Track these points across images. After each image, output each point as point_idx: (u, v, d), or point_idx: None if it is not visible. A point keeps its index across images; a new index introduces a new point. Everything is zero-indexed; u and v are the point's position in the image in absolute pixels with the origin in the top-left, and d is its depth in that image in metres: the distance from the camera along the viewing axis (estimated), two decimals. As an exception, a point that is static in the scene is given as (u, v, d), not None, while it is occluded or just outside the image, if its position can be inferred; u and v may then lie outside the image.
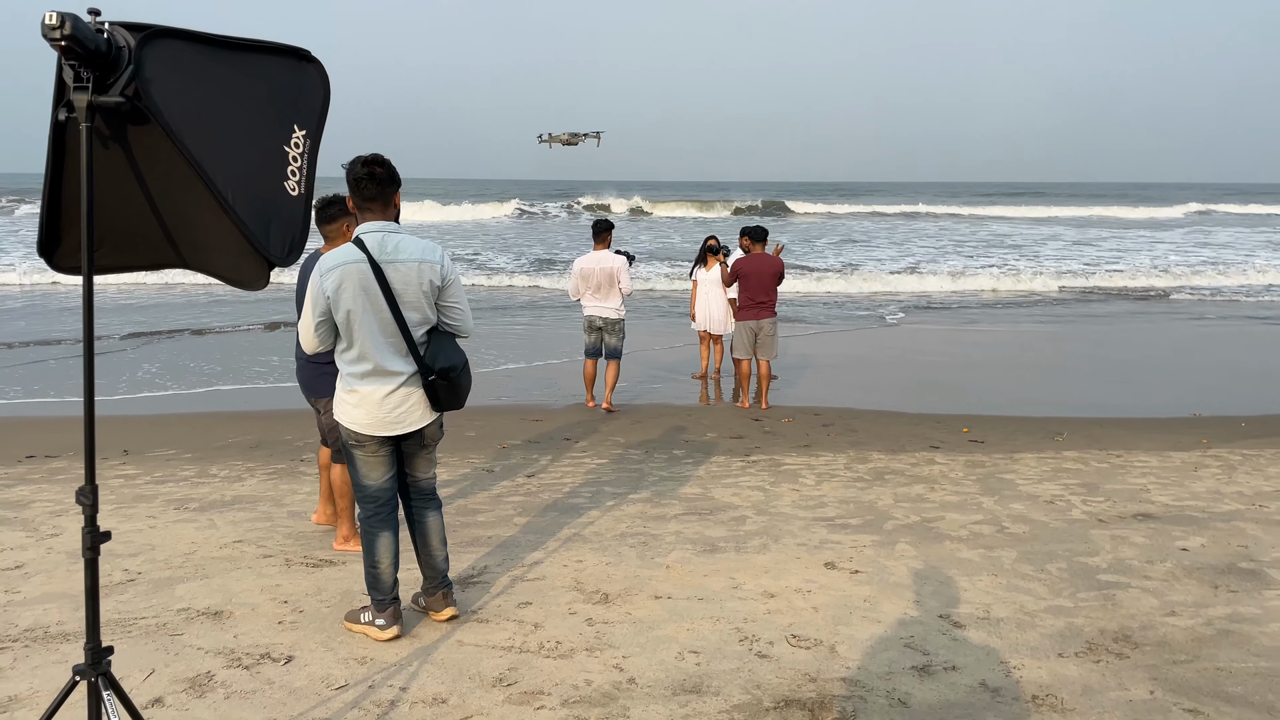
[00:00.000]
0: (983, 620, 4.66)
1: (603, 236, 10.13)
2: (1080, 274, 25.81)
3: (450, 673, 4.04)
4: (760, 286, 10.26)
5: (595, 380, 10.28)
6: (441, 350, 4.20)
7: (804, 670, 4.08)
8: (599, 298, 10.08)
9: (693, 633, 4.46)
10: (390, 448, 4.29)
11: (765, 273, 10.23)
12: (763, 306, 10.29)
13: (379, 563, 4.33)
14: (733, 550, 5.66)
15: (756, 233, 10.88)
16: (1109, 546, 5.78)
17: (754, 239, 10.70)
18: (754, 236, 10.81)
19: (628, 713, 3.71)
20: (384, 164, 4.13)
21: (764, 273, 10.23)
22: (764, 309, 10.33)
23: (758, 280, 10.25)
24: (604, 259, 10.04)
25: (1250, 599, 4.94)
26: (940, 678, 4.03)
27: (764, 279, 10.23)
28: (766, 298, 10.27)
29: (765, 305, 10.32)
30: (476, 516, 6.39)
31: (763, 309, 10.33)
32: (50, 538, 5.91)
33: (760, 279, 10.23)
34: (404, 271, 4.11)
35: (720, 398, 11.30)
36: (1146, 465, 7.94)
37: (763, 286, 10.26)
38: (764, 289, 10.25)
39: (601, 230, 10.18)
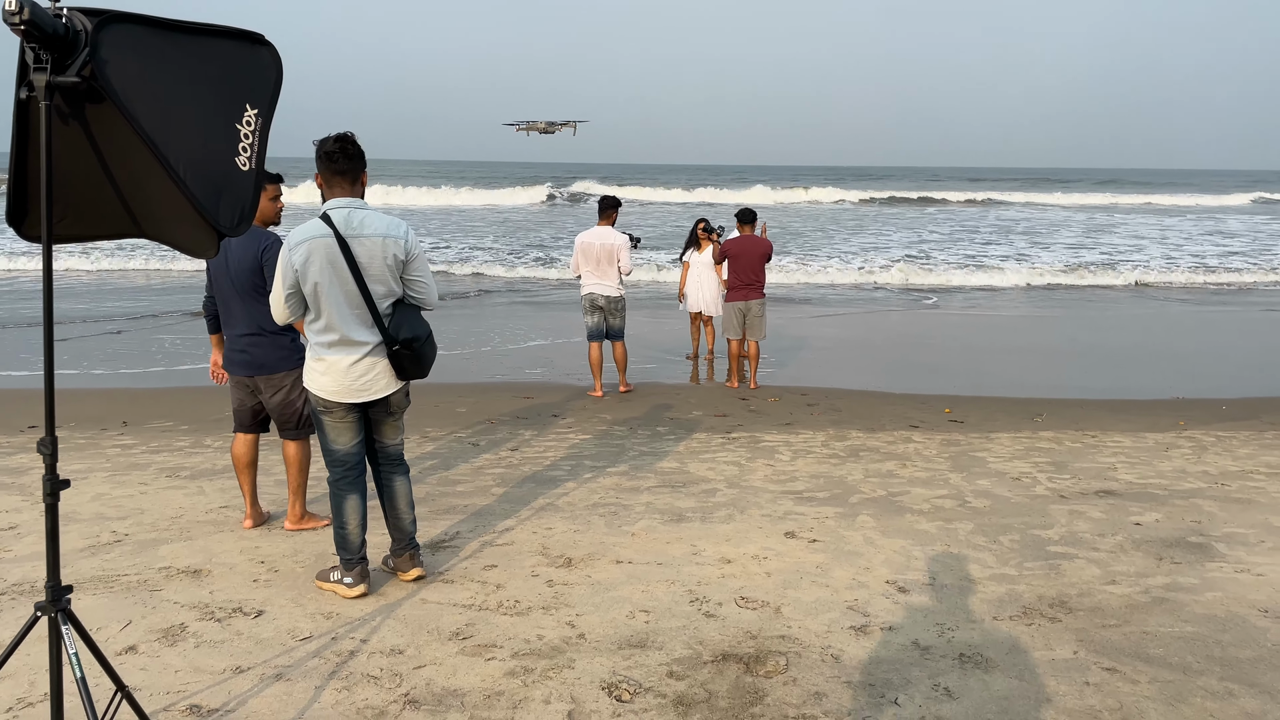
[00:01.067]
0: (928, 586, 4.85)
1: (607, 213, 10.12)
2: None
3: (410, 627, 4.26)
4: (749, 267, 10.43)
5: (602, 366, 10.18)
6: (405, 321, 4.40)
7: (746, 628, 4.29)
8: (598, 274, 10.02)
9: (647, 594, 4.67)
10: (357, 414, 4.51)
11: (753, 253, 10.40)
12: (751, 287, 10.46)
13: (346, 524, 4.55)
14: (698, 520, 5.86)
15: (744, 215, 11.03)
16: (1064, 520, 5.96)
17: (741, 221, 10.86)
18: (742, 219, 10.97)
19: (573, 664, 3.92)
20: (353, 141, 4.34)
21: (752, 253, 10.40)
22: (752, 289, 10.50)
23: (746, 261, 10.41)
24: (605, 235, 10.00)
25: (1191, 570, 5.12)
26: (875, 636, 4.23)
27: (752, 259, 10.40)
28: (754, 278, 10.44)
29: (754, 286, 10.49)
30: (456, 486, 6.60)
31: (751, 290, 10.50)
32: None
33: (749, 259, 10.40)
34: (369, 246, 4.31)
35: (712, 377, 11.48)
36: (1119, 445, 8.10)
37: (751, 267, 10.42)
38: (752, 269, 10.42)
39: (607, 207, 10.18)
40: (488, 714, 3.52)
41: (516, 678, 3.79)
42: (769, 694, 3.69)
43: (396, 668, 3.86)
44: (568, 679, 3.79)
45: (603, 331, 10.15)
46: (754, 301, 10.50)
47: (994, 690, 3.75)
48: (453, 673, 3.82)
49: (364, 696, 3.63)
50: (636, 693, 3.68)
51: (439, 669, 3.86)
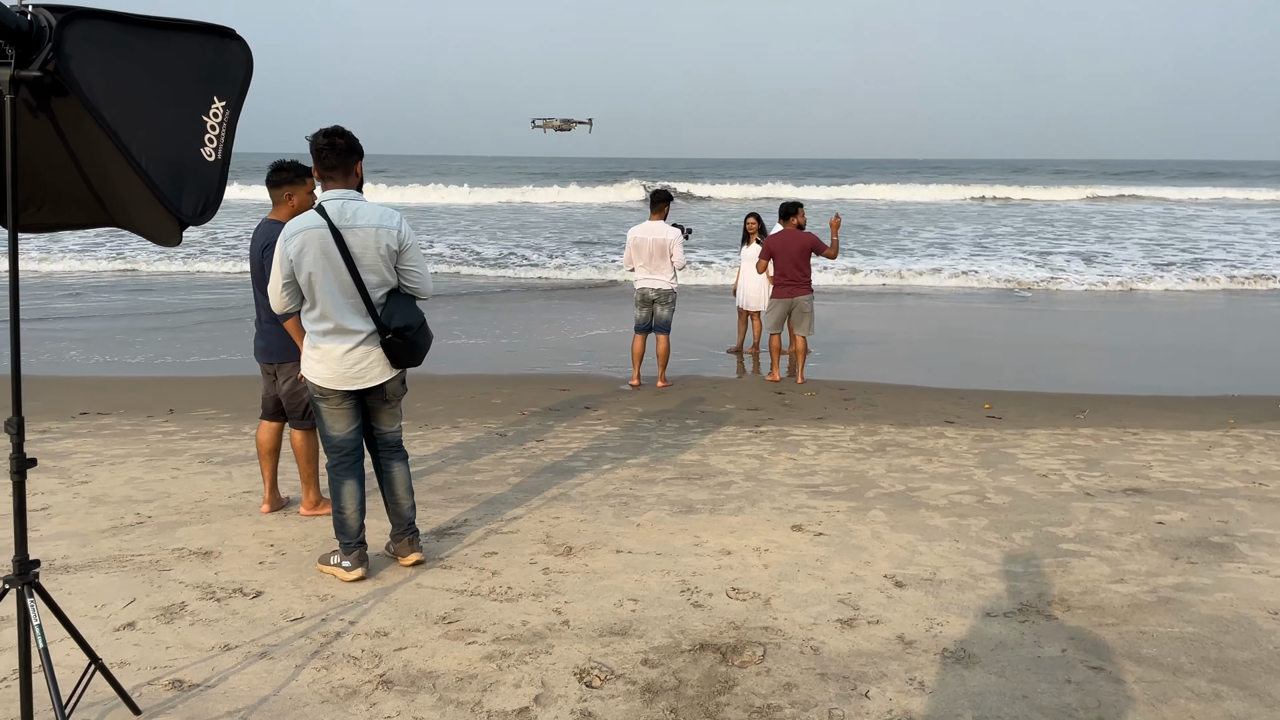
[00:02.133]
0: (926, 581, 4.79)
1: (659, 207, 10.11)
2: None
3: (400, 610, 4.34)
4: (789, 263, 10.34)
5: (643, 358, 10.22)
6: (398, 310, 4.48)
7: (731, 619, 4.28)
8: (649, 269, 10.01)
9: (639, 584, 4.69)
10: (353, 401, 4.60)
11: (793, 248, 10.32)
12: (794, 284, 10.36)
13: (344, 508, 4.65)
14: (707, 512, 5.86)
15: (784, 209, 10.96)
16: (1084, 518, 5.83)
17: (782, 215, 10.79)
18: (782, 213, 10.91)
19: (551, 649, 3.96)
20: (345, 135, 4.42)
21: (791, 248, 10.31)
22: (796, 286, 10.39)
23: (786, 256, 10.34)
24: (657, 230, 9.96)
25: (1206, 570, 4.98)
26: (860, 630, 4.20)
27: (792, 254, 10.31)
28: (796, 274, 10.33)
29: (797, 283, 10.38)
30: (475, 475, 6.69)
31: (795, 286, 10.39)
32: (80, 485, 6.38)
33: (789, 255, 10.32)
34: (362, 236, 4.39)
35: (758, 370, 11.44)
36: (1159, 443, 7.90)
37: (792, 262, 10.34)
38: (793, 265, 10.32)
39: (659, 201, 10.19)
40: (457, 696, 3.57)
41: (493, 661, 3.84)
42: (739, 684, 3.69)
43: (378, 649, 3.94)
44: (543, 664, 3.83)
45: (649, 324, 10.17)
46: (800, 298, 10.40)
47: (970, 686, 3.70)
48: (431, 655, 3.89)
49: (340, 676, 3.70)
50: (607, 679, 3.71)
51: (419, 651, 3.92)
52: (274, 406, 5.69)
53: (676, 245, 9.91)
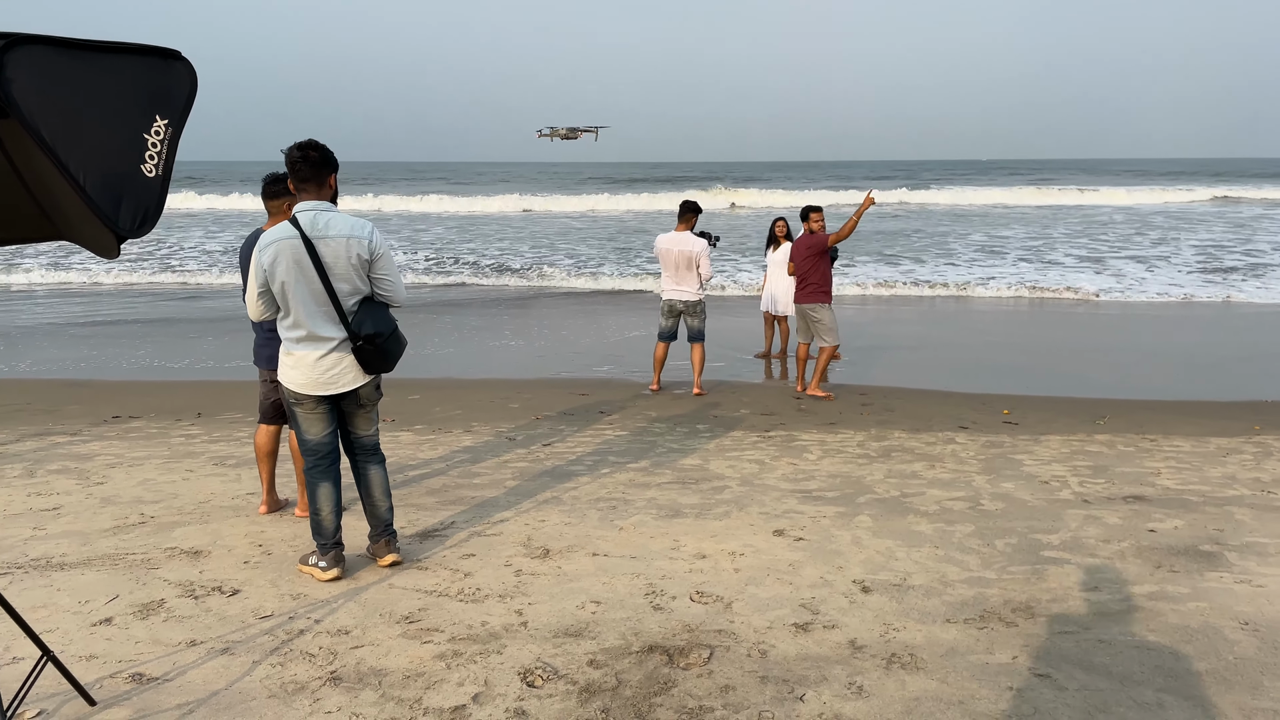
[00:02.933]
0: (894, 587, 4.80)
1: (686, 218, 9.91)
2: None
3: (366, 609, 4.46)
4: (799, 267, 10.25)
5: (664, 363, 10.24)
6: (369, 318, 4.61)
7: (688, 622, 4.34)
8: (676, 280, 9.90)
9: (607, 586, 4.76)
10: (328, 406, 4.74)
11: (800, 252, 10.22)
12: (803, 290, 10.18)
13: (320, 510, 4.79)
14: (693, 516, 5.91)
15: (802, 213, 10.89)
16: (1075, 525, 5.78)
17: (802, 218, 10.74)
18: (801, 217, 10.85)
19: (504, 649, 4.05)
20: (318, 148, 4.56)
21: (799, 252, 10.24)
22: (804, 292, 10.17)
23: (797, 261, 10.30)
24: (683, 240, 9.80)
25: (1186, 579, 4.92)
26: (814, 634, 4.23)
27: (800, 258, 10.21)
28: (808, 280, 10.17)
29: (804, 288, 10.16)
30: (474, 479, 6.81)
31: (803, 292, 10.18)
32: (95, 485, 6.62)
33: (799, 259, 10.25)
34: (334, 246, 4.53)
35: (785, 376, 11.43)
36: (1175, 450, 7.77)
37: (801, 266, 10.22)
38: (804, 268, 10.19)
39: (686, 211, 9.98)
40: (400, 693, 3.68)
41: (443, 660, 3.94)
42: (679, 685, 3.75)
43: (336, 647, 4.06)
44: (491, 664, 3.92)
45: (674, 332, 10.11)
46: (806, 305, 10.18)
47: (908, 691, 3.72)
48: (386, 654, 4.00)
49: (293, 673, 3.83)
50: (549, 679, 3.79)
51: (375, 649, 4.04)
52: (273, 411, 5.86)
53: (704, 257, 9.76)
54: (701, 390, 10.07)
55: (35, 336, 14.18)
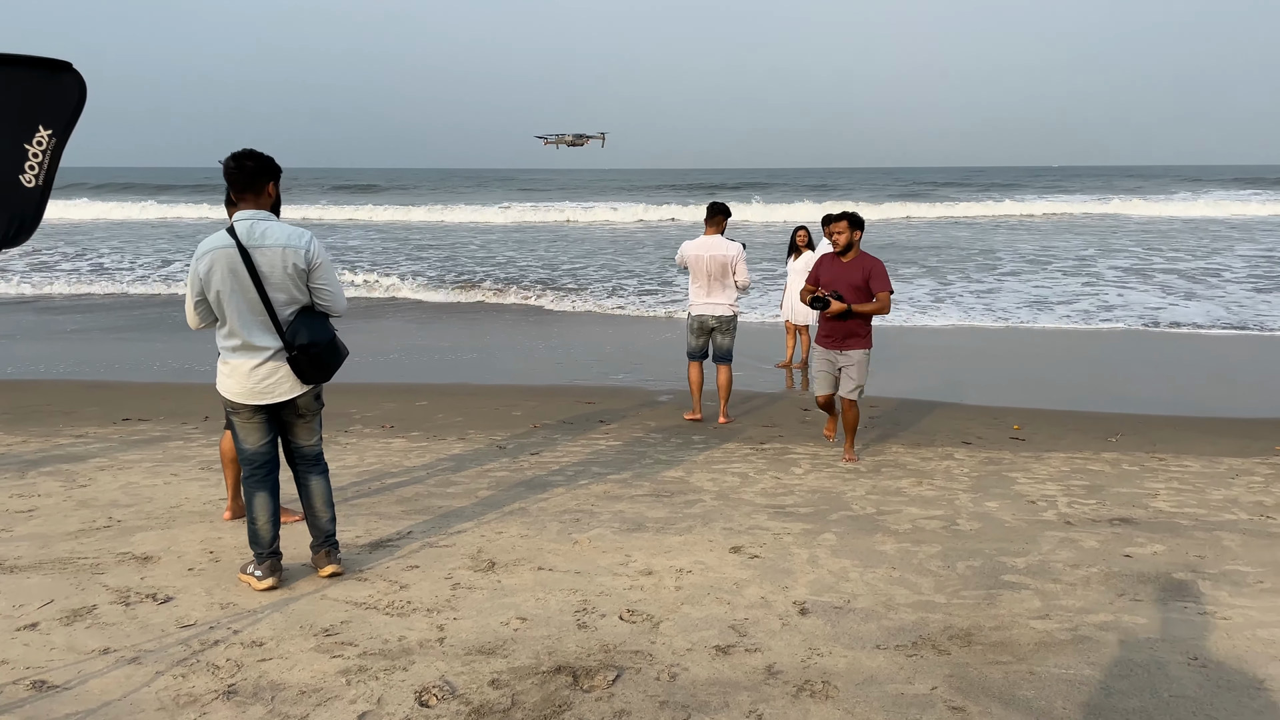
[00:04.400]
0: (835, 609, 4.66)
1: (716, 220, 8.80)
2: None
3: (290, 621, 4.44)
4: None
5: (703, 386, 9.17)
6: (304, 327, 4.60)
7: (609, 641, 4.25)
8: (708, 292, 8.78)
9: (539, 602, 4.69)
10: (265, 415, 4.74)
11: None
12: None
13: (256, 519, 4.79)
14: (654, 531, 5.82)
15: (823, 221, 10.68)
16: (1047, 549, 5.58)
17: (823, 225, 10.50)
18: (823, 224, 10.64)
19: (411, 666, 4.00)
20: (254, 158, 4.57)
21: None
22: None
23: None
24: (716, 245, 8.70)
25: (1145, 609, 4.71)
26: (733, 658, 4.11)
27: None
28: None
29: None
30: (449, 488, 6.79)
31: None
32: (78, 488, 6.73)
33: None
34: (269, 255, 4.54)
35: (806, 387, 11.26)
36: (1183, 470, 7.48)
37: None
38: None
39: (715, 213, 8.84)
40: (289, 709, 3.65)
41: (346, 676, 3.90)
42: (573, 708, 3.67)
43: (245, 659, 4.04)
44: (392, 681, 3.87)
45: (706, 350, 9.04)
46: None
47: (808, 721, 3.59)
48: (291, 667, 3.97)
49: (192, 685, 3.82)
50: (444, 698, 3.73)
51: (282, 663, 4.02)
52: None
53: (741, 262, 8.71)
54: (729, 418, 9.12)
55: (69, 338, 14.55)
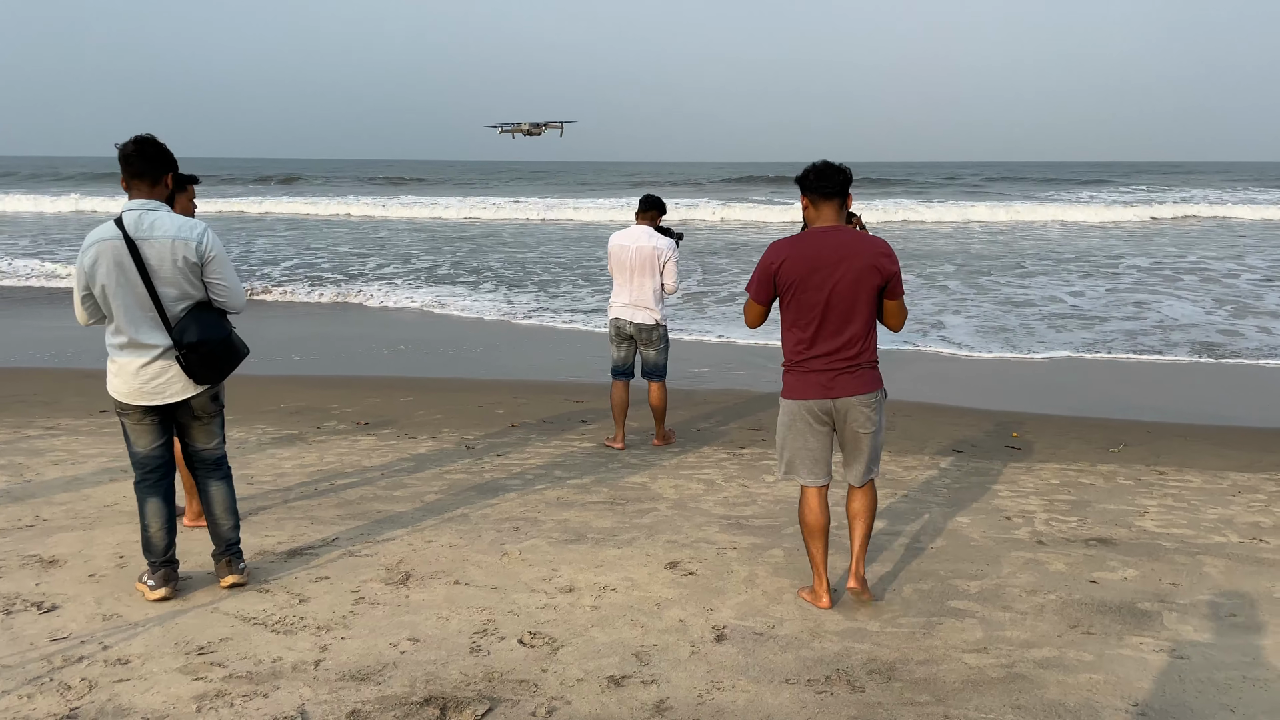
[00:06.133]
0: (757, 636, 4.33)
1: (648, 213, 7.74)
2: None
3: (167, 637, 4.21)
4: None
5: (626, 409, 7.92)
6: (194, 324, 4.36)
7: (496, 669, 3.97)
8: (630, 293, 7.60)
9: (440, 622, 4.41)
10: (157, 417, 4.50)
11: None
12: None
13: (148, 526, 4.57)
14: (593, 542, 5.53)
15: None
16: (1008, 571, 5.20)
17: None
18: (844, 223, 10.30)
19: (274, 692, 3.75)
20: (153, 144, 4.34)
21: None
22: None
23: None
24: (643, 236, 7.56)
25: (1096, 643, 4.32)
26: (624, 690, 3.81)
27: None
28: None
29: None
30: (397, 491, 6.54)
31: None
32: (22, 483, 6.59)
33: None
34: (158, 248, 4.30)
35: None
36: (1181, 486, 7.02)
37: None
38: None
39: (649, 207, 7.77)
40: (126, 737, 3.40)
41: (202, 701, 3.66)
42: (428, 746, 3.37)
43: (102, 679, 3.82)
44: (247, 709, 3.62)
45: (630, 367, 7.82)
46: None
47: (679, 769, 3.26)
48: (146, 690, 3.74)
49: (35, 706, 3.60)
50: (294, 730, 3.46)
51: (139, 684, 3.78)
52: None
53: (671, 260, 7.56)
54: (665, 439, 8.02)
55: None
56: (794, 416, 4.53)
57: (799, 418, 4.51)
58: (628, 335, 7.73)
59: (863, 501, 4.68)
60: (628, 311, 7.64)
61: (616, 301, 7.71)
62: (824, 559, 4.61)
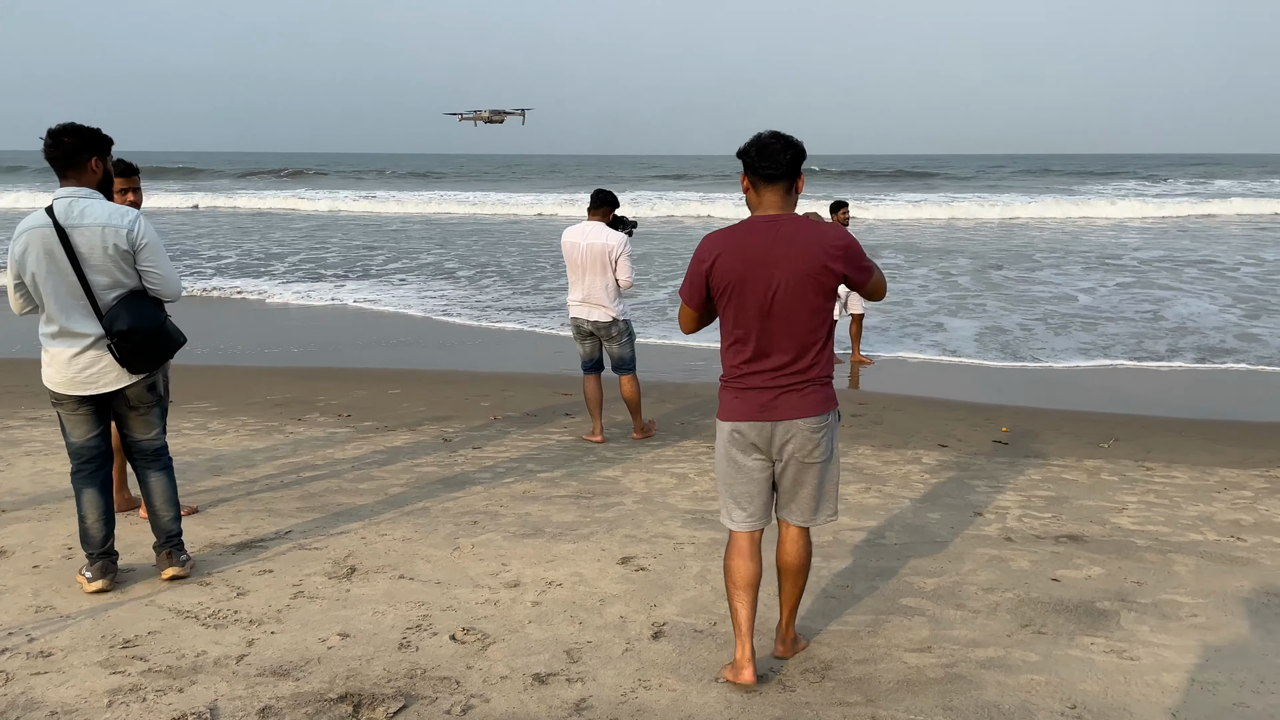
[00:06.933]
0: (695, 633, 4.24)
1: (600, 209, 7.54)
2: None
3: (97, 630, 4.17)
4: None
5: (601, 403, 7.85)
6: (126, 312, 4.31)
7: (421, 665, 3.90)
8: (583, 290, 7.47)
9: (375, 617, 4.35)
10: (91, 407, 4.46)
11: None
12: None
13: (85, 518, 4.53)
14: (549, 537, 5.45)
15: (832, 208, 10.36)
16: (969, 569, 5.07)
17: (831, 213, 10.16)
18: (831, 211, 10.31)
19: (190, 687, 3.70)
20: (73, 133, 4.29)
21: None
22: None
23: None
24: (595, 232, 7.38)
25: (1045, 644, 4.19)
26: (547, 689, 3.73)
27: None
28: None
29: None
30: (363, 484, 6.49)
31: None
32: (-10, 473, 6.57)
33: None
34: (88, 236, 4.25)
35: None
36: (1167, 482, 6.86)
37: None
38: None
39: (600, 203, 7.56)
40: (29, 732, 3.35)
41: (111, 696, 3.62)
42: (333, 744, 3.31)
43: (20, 672, 3.78)
44: (159, 704, 3.57)
45: (598, 361, 7.76)
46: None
47: (584, 770, 3.18)
48: (62, 684, 3.70)
49: (-54, 699, 3.55)
50: (201, 726, 3.40)
51: (58, 678, 3.74)
52: None
53: (623, 257, 7.36)
54: (645, 433, 7.95)
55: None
56: (727, 442, 3.76)
57: (731, 445, 3.75)
58: (588, 333, 7.64)
59: (800, 550, 3.86)
60: (583, 310, 7.55)
61: (571, 299, 7.64)
62: (749, 621, 3.74)
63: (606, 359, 7.80)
